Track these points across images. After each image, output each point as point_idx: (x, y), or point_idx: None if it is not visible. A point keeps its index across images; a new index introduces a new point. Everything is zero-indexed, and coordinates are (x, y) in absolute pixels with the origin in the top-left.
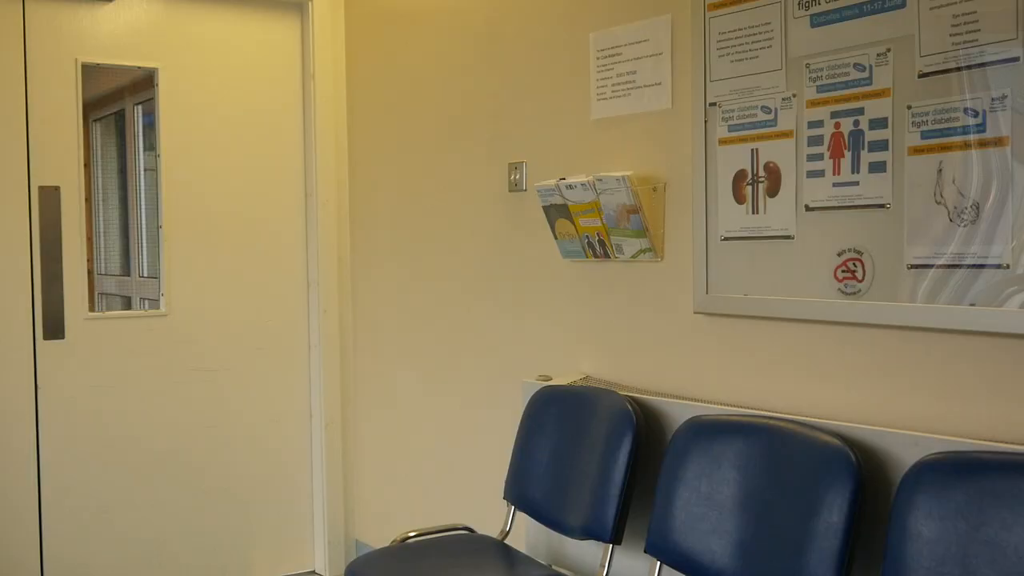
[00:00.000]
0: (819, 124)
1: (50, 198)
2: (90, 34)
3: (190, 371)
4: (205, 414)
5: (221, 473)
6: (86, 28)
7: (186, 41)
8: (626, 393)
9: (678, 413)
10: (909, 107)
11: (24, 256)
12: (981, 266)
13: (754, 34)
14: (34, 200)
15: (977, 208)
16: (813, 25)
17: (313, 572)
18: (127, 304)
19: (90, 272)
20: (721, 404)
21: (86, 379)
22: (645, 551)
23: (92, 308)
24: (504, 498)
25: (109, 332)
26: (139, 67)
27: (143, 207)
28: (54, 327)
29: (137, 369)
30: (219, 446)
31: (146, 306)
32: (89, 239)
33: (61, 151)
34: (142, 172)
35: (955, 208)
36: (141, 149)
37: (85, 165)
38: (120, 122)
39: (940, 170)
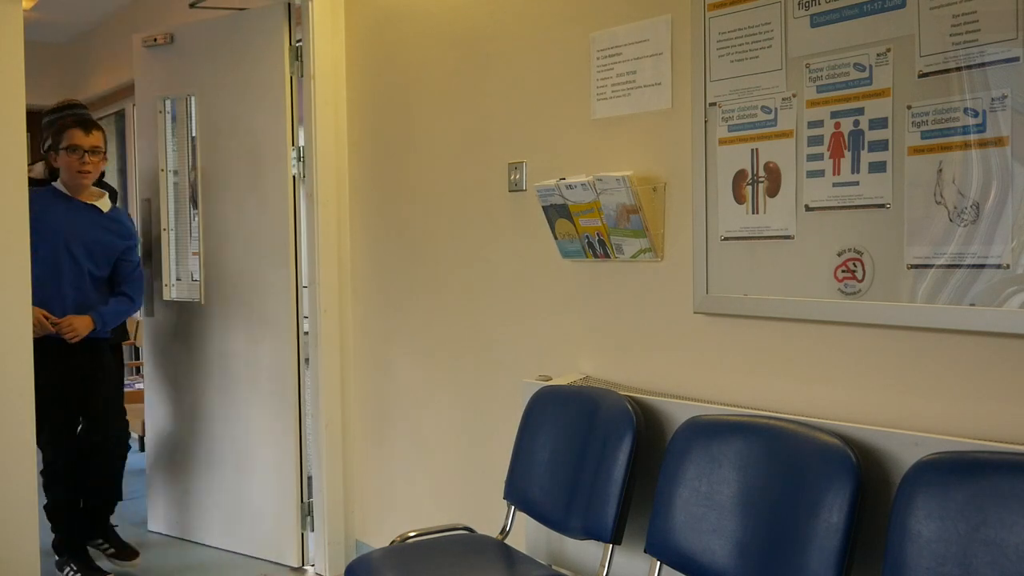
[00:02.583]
0: (819, 124)
1: (147, 207)
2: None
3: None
4: (216, 410)
5: (221, 472)
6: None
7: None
8: (626, 393)
9: (678, 413)
10: (909, 107)
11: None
12: (981, 266)
13: (754, 34)
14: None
15: (977, 208)
16: (813, 25)
17: (313, 572)
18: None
19: None
20: (721, 404)
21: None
22: (645, 551)
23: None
24: (504, 498)
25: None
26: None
27: None
28: (149, 309)
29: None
30: (219, 444)
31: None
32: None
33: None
34: None
35: (955, 208)
36: None
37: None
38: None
39: (940, 170)
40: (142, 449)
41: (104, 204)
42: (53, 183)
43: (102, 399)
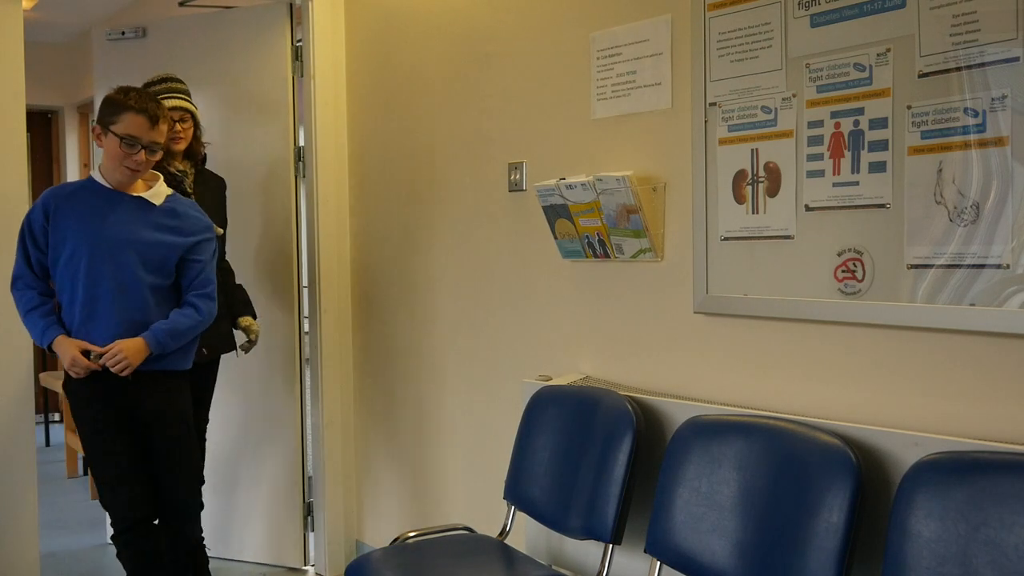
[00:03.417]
0: (819, 124)
1: None
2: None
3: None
4: (215, 410)
5: (223, 472)
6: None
7: (185, 53)
8: (626, 393)
9: (678, 413)
10: (909, 107)
11: None
12: (981, 266)
13: (754, 34)
14: None
15: (977, 208)
16: (813, 25)
17: (314, 572)
18: None
19: None
20: (721, 404)
21: None
22: (645, 551)
23: None
24: (504, 498)
25: None
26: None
27: None
28: None
29: None
30: (219, 445)
31: None
32: None
33: None
34: None
35: (955, 208)
36: None
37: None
38: None
39: (940, 170)
40: None
41: (157, 194)
42: (92, 174)
43: (166, 458)
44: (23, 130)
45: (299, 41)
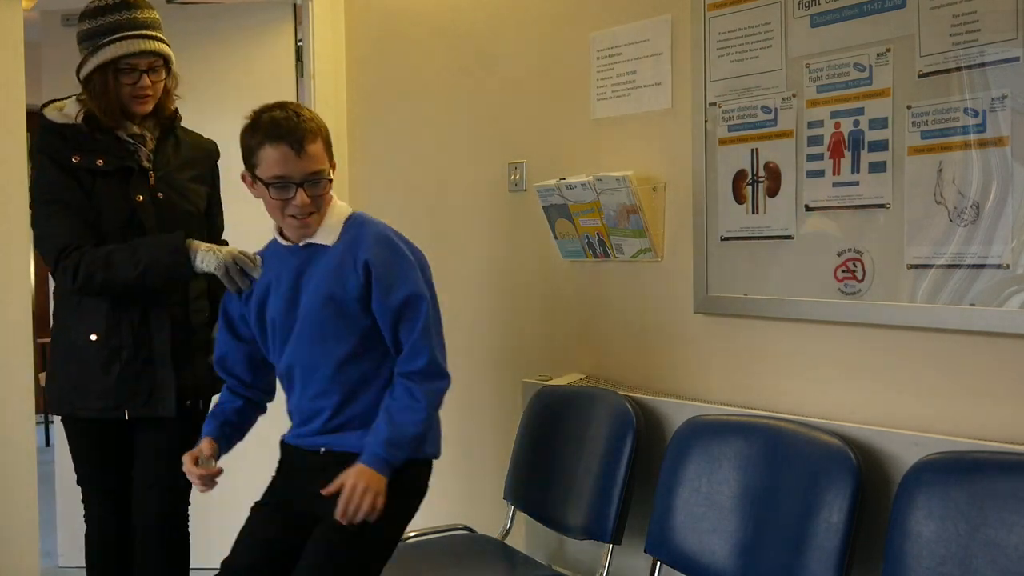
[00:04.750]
0: (819, 124)
1: None
2: None
3: None
4: None
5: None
6: None
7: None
8: (626, 393)
9: (678, 413)
10: (909, 107)
11: None
12: (981, 266)
13: (754, 34)
14: None
15: (977, 208)
16: (813, 25)
17: None
18: None
19: None
20: (721, 404)
21: None
22: (645, 551)
23: None
24: (504, 498)
25: None
26: None
27: None
28: None
29: None
30: None
31: None
32: None
33: None
34: None
35: (955, 208)
36: None
37: None
38: None
39: (940, 170)
40: None
41: (328, 229)
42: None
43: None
44: (23, 130)
45: (299, 41)
